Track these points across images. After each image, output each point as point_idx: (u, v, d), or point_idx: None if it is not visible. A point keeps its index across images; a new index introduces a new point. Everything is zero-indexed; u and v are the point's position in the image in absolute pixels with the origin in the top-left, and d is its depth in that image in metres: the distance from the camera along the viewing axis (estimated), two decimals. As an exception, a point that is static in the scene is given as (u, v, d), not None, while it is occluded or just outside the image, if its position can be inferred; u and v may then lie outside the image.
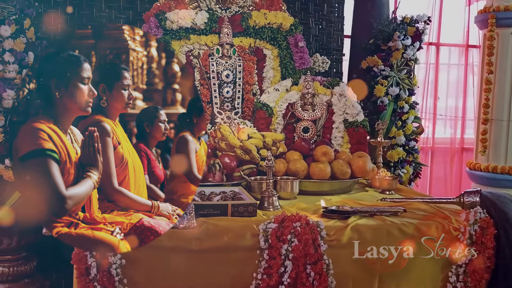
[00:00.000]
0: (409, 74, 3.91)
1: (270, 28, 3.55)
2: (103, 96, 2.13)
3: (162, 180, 2.51)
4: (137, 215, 2.06)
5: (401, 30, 3.76)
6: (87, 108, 1.99)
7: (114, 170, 2.10)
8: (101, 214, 2.04)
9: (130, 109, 2.24)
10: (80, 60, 1.97)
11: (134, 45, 2.61)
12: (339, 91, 3.42)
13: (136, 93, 2.40)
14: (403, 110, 3.90)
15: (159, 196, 2.44)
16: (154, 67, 2.71)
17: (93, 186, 1.94)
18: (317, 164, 2.87)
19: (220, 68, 3.44)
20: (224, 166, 2.83)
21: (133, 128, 2.46)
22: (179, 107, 2.64)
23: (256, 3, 3.59)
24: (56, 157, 1.84)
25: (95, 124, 2.06)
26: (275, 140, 3.11)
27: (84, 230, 1.92)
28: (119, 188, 2.12)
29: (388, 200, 2.69)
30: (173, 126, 2.57)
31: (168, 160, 2.59)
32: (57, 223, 1.90)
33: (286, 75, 3.56)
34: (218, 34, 3.47)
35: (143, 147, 2.43)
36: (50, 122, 1.90)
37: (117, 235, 1.94)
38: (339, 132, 3.39)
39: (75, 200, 1.87)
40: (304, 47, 3.60)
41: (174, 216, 2.18)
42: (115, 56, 2.54)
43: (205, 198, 2.51)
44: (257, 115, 3.43)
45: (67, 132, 1.97)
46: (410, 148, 3.96)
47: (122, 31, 2.65)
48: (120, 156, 2.14)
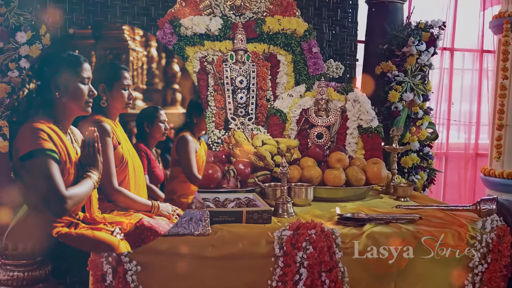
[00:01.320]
0: (424, 79, 3.88)
1: (284, 34, 3.55)
2: (103, 96, 2.12)
3: (162, 180, 2.51)
4: (137, 215, 2.06)
5: (416, 35, 3.74)
6: (87, 108, 1.98)
7: (114, 170, 2.10)
8: (101, 214, 2.03)
9: (130, 109, 2.23)
10: (80, 60, 1.97)
11: (134, 45, 2.61)
12: (353, 97, 3.41)
13: (136, 93, 2.39)
14: (417, 116, 3.87)
15: (159, 196, 2.43)
16: (154, 67, 2.70)
17: (93, 186, 1.94)
18: (332, 171, 2.86)
19: (234, 74, 3.44)
20: (238, 172, 2.83)
21: (133, 128, 2.45)
22: (179, 107, 2.64)
23: (270, 9, 3.60)
24: (56, 157, 1.83)
25: (95, 124, 2.05)
26: (289, 146, 3.10)
27: (84, 230, 1.92)
28: (119, 188, 2.11)
29: (403, 207, 2.67)
30: (173, 126, 2.57)
31: (168, 160, 2.59)
32: (57, 223, 1.90)
33: (300, 80, 3.56)
34: (232, 40, 3.48)
35: (143, 147, 2.42)
36: (50, 122, 1.90)
37: (117, 235, 1.94)
38: (353, 138, 3.38)
39: (75, 200, 1.86)
40: (318, 53, 3.60)
41: (174, 216, 2.17)
42: (115, 56, 2.53)
43: (219, 204, 2.51)
44: (270, 121, 3.43)
45: (67, 132, 1.96)
46: (424, 154, 3.94)
47: (122, 31, 2.65)
48: (120, 156, 2.14)
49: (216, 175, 2.72)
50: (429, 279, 2.28)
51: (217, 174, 2.73)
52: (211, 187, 2.71)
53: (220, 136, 3.35)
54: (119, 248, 1.93)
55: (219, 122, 3.39)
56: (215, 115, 3.39)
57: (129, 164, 2.18)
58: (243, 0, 3.54)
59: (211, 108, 3.40)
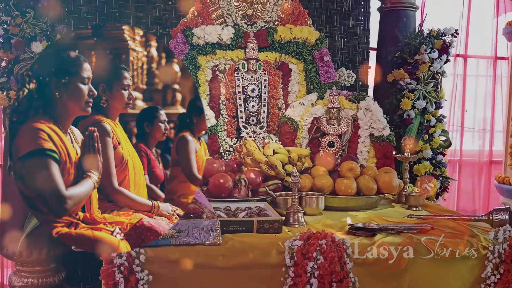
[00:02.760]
0: (436, 87, 3.86)
1: (296, 43, 3.57)
2: (103, 96, 2.13)
3: (162, 180, 2.51)
4: (137, 215, 2.07)
5: (428, 43, 3.72)
6: (87, 108, 1.99)
7: (114, 170, 2.11)
8: (101, 214, 2.04)
9: (130, 109, 2.24)
10: (80, 60, 1.97)
11: (134, 45, 2.60)
12: (364, 106, 3.41)
13: (136, 93, 2.39)
14: (430, 124, 3.85)
15: (159, 196, 2.43)
16: (154, 67, 2.69)
17: (93, 186, 1.95)
18: (343, 180, 2.86)
19: (245, 82, 3.46)
20: (249, 181, 2.84)
21: (133, 128, 2.45)
22: (179, 107, 2.63)
23: (281, 18, 3.62)
24: (56, 157, 1.84)
25: (95, 124, 2.06)
26: (301, 155, 3.11)
27: (84, 230, 1.93)
28: (119, 188, 2.12)
29: (415, 216, 2.66)
30: (173, 126, 2.57)
31: (168, 160, 2.59)
32: (57, 223, 1.91)
33: (311, 89, 3.56)
34: (244, 49, 3.51)
35: (143, 147, 2.43)
36: (50, 122, 1.91)
37: (117, 235, 1.95)
38: (365, 147, 3.38)
39: (75, 200, 1.87)
40: (329, 61, 3.60)
41: (174, 216, 2.18)
42: (115, 56, 2.53)
43: (230, 214, 2.53)
44: (282, 129, 3.44)
45: (67, 132, 1.97)
46: (437, 162, 3.91)
47: (122, 31, 2.65)
48: (120, 156, 2.15)
49: (227, 184, 2.74)
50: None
51: (228, 184, 2.74)
52: (222, 196, 2.73)
53: (232, 144, 3.36)
54: (119, 248, 1.93)
55: (230, 131, 3.41)
56: (226, 124, 3.41)
57: (129, 164, 2.18)
58: (255, 10, 3.56)
59: (223, 116, 3.42)
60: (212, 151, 3.31)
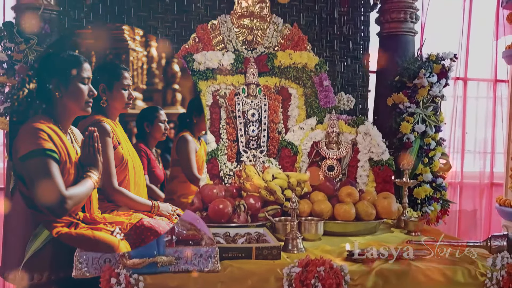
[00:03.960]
0: (436, 110, 3.88)
1: (295, 68, 3.61)
2: (103, 96, 2.14)
3: (162, 180, 2.51)
4: (137, 215, 2.08)
5: (427, 67, 3.75)
6: (87, 108, 2.00)
7: (114, 170, 2.12)
8: (101, 214, 2.04)
9: (130, 109, 2.25)
10: (80, 60, 1.99)
11: (134, 45, 2.60)
12: (364, 130, 3.44)
13: (136, 93, 2.39)
14: (429, 147, 3.87)
15: (159, 196, 2.43)
16: (154, 67, 2.68)
17: (93, 186, 1.96)
18: (342, 205, 2.88)
19: (246, 107, 3.50)
20: (249, 207, 2.86)
21: (133, 128, 2.46)
22: (179, 107, 2.63)
23: (281, 43, 3.67)
24: (56, 157, 1.85)
25: (95, 124, 2.07)
26: (300, 180, 3.13)
27: (84, 230, 1.94)
28: (119, 188, 2.13)
29: (414, 242, 2.67)
30: (173, 126, 2.57)
31: (168, 160, 2.59)
32: (57, 223, 1.92)
33: (311, 113, 3.60)
34: (244, 74, 3.55)
35: (143, 147, 2.43)
36: (50, 122, 1.92)
37: (117, 235, 1.96)
38: (365, 171, 3.39)
39: (75, 200, 1.88)
40: (329, 86, 3.64)
41: (174, 216, 2.19)
42: (115, 56, 2.53)
43: (230, 240, 2.54)
44: (282, 153, 3.47)
45: (67, 132, 1.98)
46: (437, 185, 3.92)
47: (122, 31, 2.64)
48: (120, 156, 2.16)
49: (227, 210, 2.76)
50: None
51: (228, 209, 2.76)
52: (221, 221, 2.75)
53: (232, 168, 3.39)
54: (119, 248, 1.94)
55: (231, 155, 3.44)
56: (227, 148, 3.44)
57: (129, 164, 2.20)
58: (255, 36, 3.62)
59: (223, 140, 3.45)
60: (213, 175, 3.34)
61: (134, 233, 2.00)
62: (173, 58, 2.84)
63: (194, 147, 2.56)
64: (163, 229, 2.04)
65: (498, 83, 5.25)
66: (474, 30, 5.06)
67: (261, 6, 3.64)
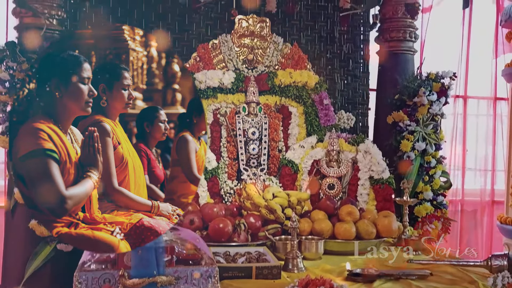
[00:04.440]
0: (436, 129, 3.90)
1: (296, 87, 3.63)
2: (103, 96, 2.13)
3: (162, 180, 2.49)
4: (137, 215, 2.06)
5: (426, 86, 3.78)
6: (87, 108, 1.99)
7: (114, 170, 2.11)
8: (101, 214, 2.03)
9: (130, 109, 2.24)
10: (80, 60, 1.98)
11: (134, 45, 2.58)
12: (364, 148, 3.45)
13: (136, 93, 2.38)
14: (430, 165, 3.87)
15: (159, 196, 2.41)
16: (154, 67, 2.65)
17: (93, 186, 1.95)
18: (342, 224, 2.88)
19: (246, 125, 3.52)
20: (249, 226, 2.86)
21: (133, 128, 2.44)
22: (179, 107, 2.60)
23: (281, 62, 3.70)
24: (56, 157, 1.84)
25: (95, 124, 2.06)
26: (300, 199, 3.13)
27: (84, 230, 1.93)
28: (119, 188, 2.12)
29: (414, 261, 2.66)
30: (173, 126, 2.55)
31: (168, 160, 2.58)
32: (57, 223, 1.90)
33: (311, 132, 3.61)
34: (244, 92, 3.57)
35: (143, 147, 2.41)
36: (50, 122, 1.91)
37: (117, 235, 1.94)
38: (365, 189, 3.40)
39: (75, 200, 1.87)
40: (329, 105, 3.66)
41: (174, 216, 2.18)
42: (115, 56, 2.51)
43: (230, 259, 2.53)
44: (282, 171, 3.47)
45: (67, 132, 1.97)
46: (438, 203, 3.92)
47: (122, 31, 2.62)
48: (120, 156, 2.15)
49: (227, 229, 2.75)
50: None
51: (228, 228, 2.76)
52: (222, 241, 2.74)
53: (233, 186, 3.39)
54: (119, 248, 1.93)
55: (231, 173, 3.45)
56: (227, 166, 3.44)
57: (129, 164, 2.18)
58: (256, 55, 3.65)
59: (224, 159, 3.46)
60: (213, 193, 3.34)
61: (134, 233, 1.99)
62: (173, 58, 2.81)
63: (194, 147, 2.56)
64: (163, 229, 2.03)
65: (498, 100, 5.26)
66: (474, 48, 5.09)
67: (261, 25, 3.68)
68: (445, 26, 4.93)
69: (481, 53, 5.14)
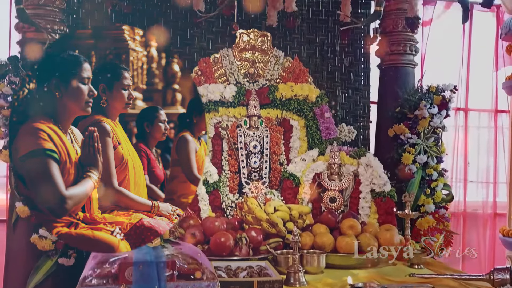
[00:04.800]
0: (437, 141, 3.89)
1: (297, 100, 3.65)
2: (103, 96, 2.14)
3: (162, 180, 2.49)
4: (137, 215, 2.06)
5: (427, 99, 3.78)
6: (87, 108, 2.00)
7: (114, 170, 2.11)
8: (101, 214, 2.03)
9: (130, 109, 2.25)
10: (80, 60, 1.99)
11: (134, 45, 2.58)
12: (365, 161, 3.45)
13: (136, 93, 2.38)
14: (431, 178, 3.87)
15: (159, 196, 2.41)
16: (154, 67, 2.66)
17: (93, 186, 1.95)
18: (344, 238, 2.87)
19: (247, 139, 3.52)
20: (250, 239, 2.85)
21: (133, 128, 2.44)
22: (179, 107, 2.61)
23: (282, 76, 3.71)
24: (56, 157, 1.85)
25: (95, 124, 2.07)
26: (302, 212, 3.13)
27: (84, 230, 1.93)
28: (119, 188, 2.12)
29: (416, 275, 2.65)
30: (173, 126, 2.56)
31: (168, 160, 2.58)
32: (57, 223, 1.91)
33: (312, 145, 3.61)
34: (246, 106, 3.58)
35: (143, 147, 2.42)
36: (50, 122, 1.91)
37: (117, 235, 1.94)
38: (366, 202, 3.39)
39: (75, 200, 1.88)
40: (330, 118, 3.67)
41: (174, 216, 2.17)
42: (115, 56, 2.51)
43: (231, 273, 2.53)
44: (284, 185, 3.47)
45: (67, 132, 1.98)
46: (440, 216, 3.91)
47: (122, 31, 2.63)
48: (120, 156, 2.15)
49: (229, 243, 2.75)
50: None
51: (229, 242, 2.75)
52: (223, 255, 2.74)
53: (234, 200, 3.39)
54: (119, 248, 1.92)
55: (233, 186, 3.45)
56: (229, 179, 3.45)
57: (129, 164, 2.19)
58: (257, 68, 3.67)
59: (225, 172, 3.46)
60: (215, 206, 3.34)
61: (134, 233, 2.00)
62: (173, 58, 2.83)
63: (194, 147, 2.56)
64: (163, 229, 2.04)
65: (499, 113, 5.27)
66: (474, 61, 5.12)
67: (262, 39, 3.70)
68: (446, 39, 4.95)
69: (482, 66, 5.16)
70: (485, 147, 5.39)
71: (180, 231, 2.81)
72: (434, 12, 4.83)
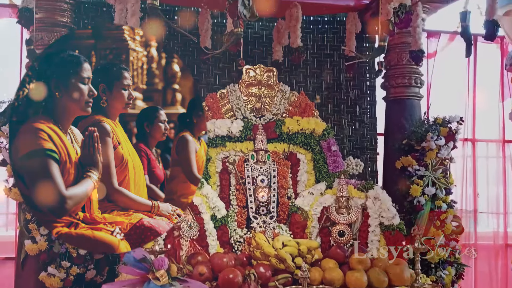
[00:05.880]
0: (445, 173, 3.88)
1: (303, 134, 3.67)
2: (103, 96, 2.15)
3: (162, 180, 2.48)
4: (137, 215, 2.07)
5: (434, 130, 3.79)
6: (87, 108, 2.01)
7: (114, 170, 2.12)
8: (101, 214, 2.02)
9: (130, 109, 2.26)
10: (80, 60, 2.00)
11: (134, 45, 2.59)
12: (373, 194, 3.44)
13: (136, 93, 2.39)
14: (441, 210, 3.84)
15: (159, 196, 2.40)
16: (154, 67, 2.67)
17: (93, 186, 1.95)
18: (353, 273, 2.84)
19: (255, 173, 3.53)
20: (259, 275, 2.83)
21: (133, 128, 2.45)
22: (179, 107, 2.61)
23: (289, 110, 3.74)
24: (56, 157, 1.86)
25: (95, 124, 2.08)
26: (310, 247, 3.10)
27: (84, 230, 1.93)
28: (119, 188, 2.11)
29: (428, 311, 2.62)
30: (173, 126, 2.55)
31: (168, 160, 2.56)
32: (57, 223, 1.92)
33: (320, 178, 3.61)
34: (253, 140, 3.60)
35: (143, 147, 2.41)
36: (50, 122, 1.92)
37: (117, 235, 1.94)
38: (375, 236, 3.36)
39: (75, 200, 1.88)
40: (337, 151, 3.68)
41: (174, 216, 2.16)
42: (115, 56, 2.53)
43: (240, 311, 2.51)
44: (292, 219, 3.46)
45: (67, 132, 1.98)
46: (451, 248, 3.86)
47: (122, 31, 2.64)
48: (120, 156, 2.16)
49: (237, 279, 2.73)
50: None
51: (238, 279, 2.73)
52: (232, 291, 2.71)
53: (242, 235, 3.38)
54: (119, 248, 1.91)
55: (241, 221, 3.44)
56: (237, 214, 3.44)
57: (129, 164, 2.20)
58: (263, 103, 3.70)
59: (233, 207, 3.46)
60: (223, 241, 3.32)
61: (134, 233, 2.00)
62: (173, 58, 2.84)
63: (194, 147, 2.56)
64: (163, 229, 2.04)
65: (507, 143, 5.26)
66: (480, 92, 5.14)
67: (268, 75, 3.74)
68: (451, 70, 5.00)
69: (488, 96, 5.18)
70: (494, 177, 5.37)
71: (188, 268, 2.79)
72: (438, 44, 4.88)
